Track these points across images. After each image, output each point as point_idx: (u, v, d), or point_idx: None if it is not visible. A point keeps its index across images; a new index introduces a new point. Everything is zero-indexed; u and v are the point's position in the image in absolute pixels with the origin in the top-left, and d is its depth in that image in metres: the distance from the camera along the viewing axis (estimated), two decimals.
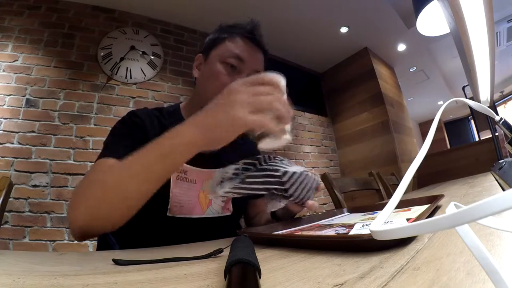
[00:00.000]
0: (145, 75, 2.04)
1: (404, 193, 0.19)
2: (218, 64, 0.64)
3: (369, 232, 0.30)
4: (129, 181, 0.44)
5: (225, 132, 0.42)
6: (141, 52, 2.06)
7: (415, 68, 3.76)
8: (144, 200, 0.44)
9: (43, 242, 1.44)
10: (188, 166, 0.64)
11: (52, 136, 1.63)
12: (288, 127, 0.47)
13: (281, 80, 0.47)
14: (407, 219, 0.39)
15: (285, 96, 0.46)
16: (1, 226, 0.75)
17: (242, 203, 0.75)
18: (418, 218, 0.35)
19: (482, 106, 0.33)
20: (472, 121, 4.11)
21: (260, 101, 0.42)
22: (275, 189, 0.52)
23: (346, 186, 1.31)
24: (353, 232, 0.37)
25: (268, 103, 0.42)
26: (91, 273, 0.29)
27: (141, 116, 0.63)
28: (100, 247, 0.69)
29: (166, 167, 0.44)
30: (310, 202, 0.56)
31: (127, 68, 1.98)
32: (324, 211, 0.85)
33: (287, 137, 0.47)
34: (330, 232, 0.40)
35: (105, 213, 0.44)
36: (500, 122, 0.55)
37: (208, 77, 0.66)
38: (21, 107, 1.58)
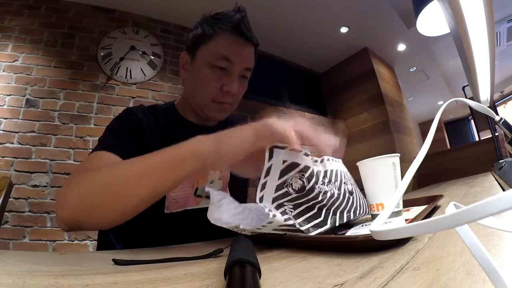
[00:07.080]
0: (145, 75, 2.04)
1: (404, 193, 0.19)
2: (206, 68, 0.62)
3: (366, 233, 0.30)
4: (131, 184, 0.41)
5: (238, 144, 0.40)
6: (141, 52, 2.05)
7: (415, 68, 3.75)
8: (139, 208, 0.41)
9: (43, 242, 1.44)
10: None
11: (52, 136, 1.62)
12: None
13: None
14: (406, 220, 0.39)
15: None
16: (1, 226, 0.75)
17: (241, 188, 0.72)
18: (415, 219, 0.35)
19: (482, 106, 0.33)
20: (472, 121, 4.10)
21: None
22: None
23: None
24: (350, 232, 0.37)
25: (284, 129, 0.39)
26: (91, 273, 0.29)
27: (136, 113, 0.63)
28: (100, 247, 0.69)
29: (175, 175, 0.41)
30: None
31: (127, 68, 1.97)
32: None
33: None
34: None
35: (96, 211, 0.41)
36: (500, 122, 0.55)
37: (196, 81, 0.64)
38: (21, 107, 1.58)
